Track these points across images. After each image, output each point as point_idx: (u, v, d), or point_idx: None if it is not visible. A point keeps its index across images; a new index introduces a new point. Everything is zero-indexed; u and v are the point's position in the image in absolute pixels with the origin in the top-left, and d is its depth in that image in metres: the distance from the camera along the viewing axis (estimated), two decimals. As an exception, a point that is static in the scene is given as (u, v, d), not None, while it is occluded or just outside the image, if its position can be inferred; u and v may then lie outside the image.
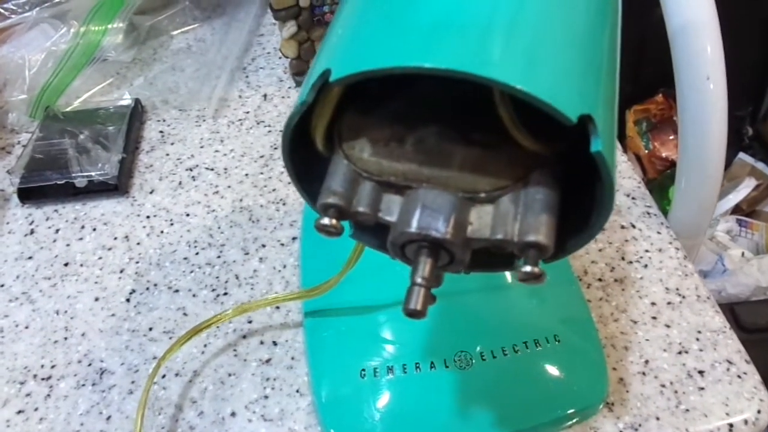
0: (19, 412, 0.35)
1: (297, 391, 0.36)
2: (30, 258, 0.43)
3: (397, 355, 0.34)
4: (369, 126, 0.21)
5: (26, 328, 0.39)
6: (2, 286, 0.41)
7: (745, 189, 0.93)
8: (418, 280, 0.19)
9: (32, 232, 0.44)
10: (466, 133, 0.21)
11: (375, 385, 0.34)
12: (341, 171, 0.20)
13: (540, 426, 0.33)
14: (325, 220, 0.19)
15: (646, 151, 0.95)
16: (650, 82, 0.98)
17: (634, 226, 0.42)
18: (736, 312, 0.78)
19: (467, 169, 0.20)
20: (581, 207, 0.20)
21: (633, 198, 0.44)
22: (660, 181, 0.93)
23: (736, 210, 0.94)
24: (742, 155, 0.99)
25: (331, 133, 0.21)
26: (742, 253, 0.84)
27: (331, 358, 0.36)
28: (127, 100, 0.52)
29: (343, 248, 0.39)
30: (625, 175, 0.45)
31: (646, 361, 0.36)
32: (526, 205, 0.19)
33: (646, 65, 0.92)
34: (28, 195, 0.46)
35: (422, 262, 0.19)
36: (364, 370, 0.34)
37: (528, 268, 0.18)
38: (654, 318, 0.37)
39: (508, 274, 0.38)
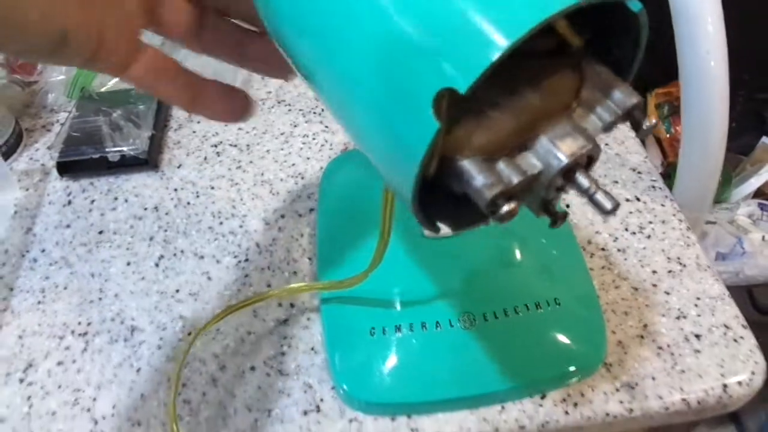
0: (59, 363, 0.38)
1: (312, 349, 0.38)
2: (68, 226, 0.46)
3: (405, 316, 0.37)
4: (453, 122, 0.21)
5: (65, 288, 0.42)
6: (44, 251, 0.45)
7: (766, 173, 0.92)
8: (592, 189, 0.21)
9: (70, 202, 0.48)
10: (514, 73, 0.22)
11: (384, 343, 0.36)
12: (476, 169, 0.21)
13: (539, 382, 0.35)
14: (504, 208, 0.20)
15: (668, 135, 0.95)
16: (672, 64, 0.98)
17: (638, 199, 0.43)
18: (753, 294, 0.78)
19: (549, 97, 0.22)
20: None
21: (639, 172, 0.45)
22: (681, 165, 0.93)
23: (759, 194, 0.94)
24: (765, 139, 0.98)
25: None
26: (763, 237, 0.84)
27: (344, 318, 0.38)
28: (156, 81, 0.55)
29: (357, 219, 0.42)
30: (632, 150, 0.46)
31: (645, 326, 0.37)
32: (600, 86, 0.22)
33: (667, 47, 0.92)
34: (66, 168, 0.49)
35: (581, 178, 0.21)
36: (373, 328, 0.36)
37: (647, 123, 0.22)
38: (654, 285, 0.39)
39: (516, 250, 0.39)
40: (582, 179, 0.21)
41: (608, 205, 0.21)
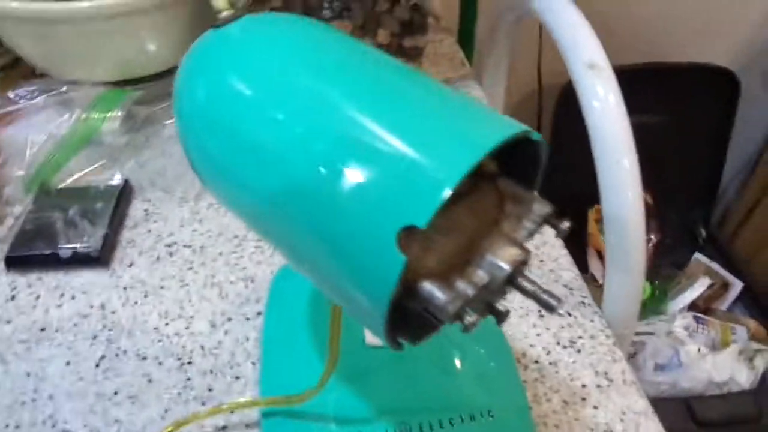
0: (-19, 469, 0.37)
1: (248, 458, 0.38)
2: (8, 322, 0.46)
3: (342, 428, 0.37)
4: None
5: (-3, 388, 0.41)
6: (-21, 347, 0.44)
7: (700, 287, 0.98)
8: (535, 290, 0.24)
9: (13, 297, 0.47)
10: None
11: (320, 454, 0.36)
12: (436, 288, 0.23)
13: (472, 497, 0.35)
14: (468, 319, 0.22)
15: (607, 248, 1.01)
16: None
17: (570, 314, 0.46)
18: (691, 406, 0.80)
19: (480, 216, 0.25)
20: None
21: (570, 289, 0.48)
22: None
23: (693, 307, 0.99)
24: (698, 255, 1.05)
25: None
26: (698, 349, 0.88)
27: (284, 428, 0.38)
28: (117, 180, 0.57)
29: (303, 329, 0.43)
30: (564, 267, 0.50)
31: (574, 440, 0.38)
32: (517, 200, 0.26)
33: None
34: (15, 263, 0.49)
35: (525, 283, 0.24)
36: (311, 439, 0.37)
37: (565, 225, 0.25)
38: (584, 399, 0.41)
39: (455, 359, 0.41)
40: (526, 284, 0.24)
41: (553, 302, 0.24)
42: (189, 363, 0.43)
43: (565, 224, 0.25)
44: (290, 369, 0.41)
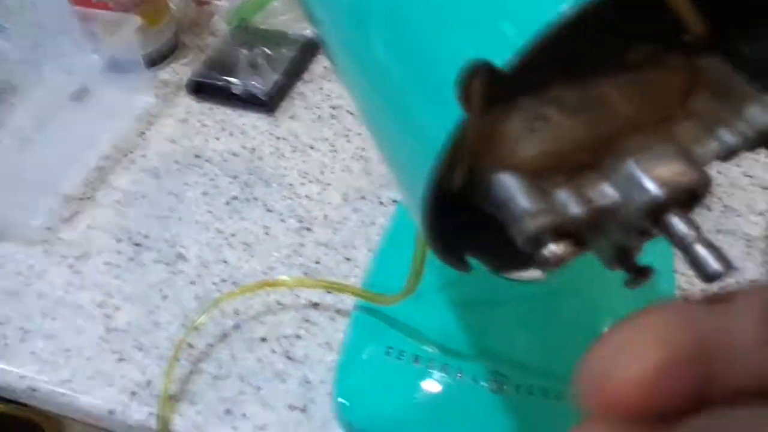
0: (106, 263, 0.39)
1: (327, 344, 0.34)
2: (173, 141, 0.47)
3: (431, 350, 0.31)
4: (491, 123, 0.15)
5: (143, 197, 0.43)
6: (144, 156, 0.46)
7: None
8: (691, 237, 0.14)
9: (185, 120, 0.49)
10: (594, 63, 0.16)
11: (395, 367, 0.31)
12: (518, 187, 0.15)
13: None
14: (551, 248, 0.14)
15: None
16: None
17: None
18: None
19: (642, 101, 0.16)
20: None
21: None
22: None
23: None
24: None
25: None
26: None
27: (369, 326, 0.34)
28: (308, 31, 0.54)
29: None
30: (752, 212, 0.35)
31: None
32: (722, 95, 0.15)
33: None
34: (196, 89, 0.50)
35: (676, 221, 0.14)
36: (391, 347, 0.32)
37: None
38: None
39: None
40: (677, 223, 0.14)
41: (713, 265, 0.14)
42: (308, 229, 0.40)
43: None
44: (402, 271, 0.36)
